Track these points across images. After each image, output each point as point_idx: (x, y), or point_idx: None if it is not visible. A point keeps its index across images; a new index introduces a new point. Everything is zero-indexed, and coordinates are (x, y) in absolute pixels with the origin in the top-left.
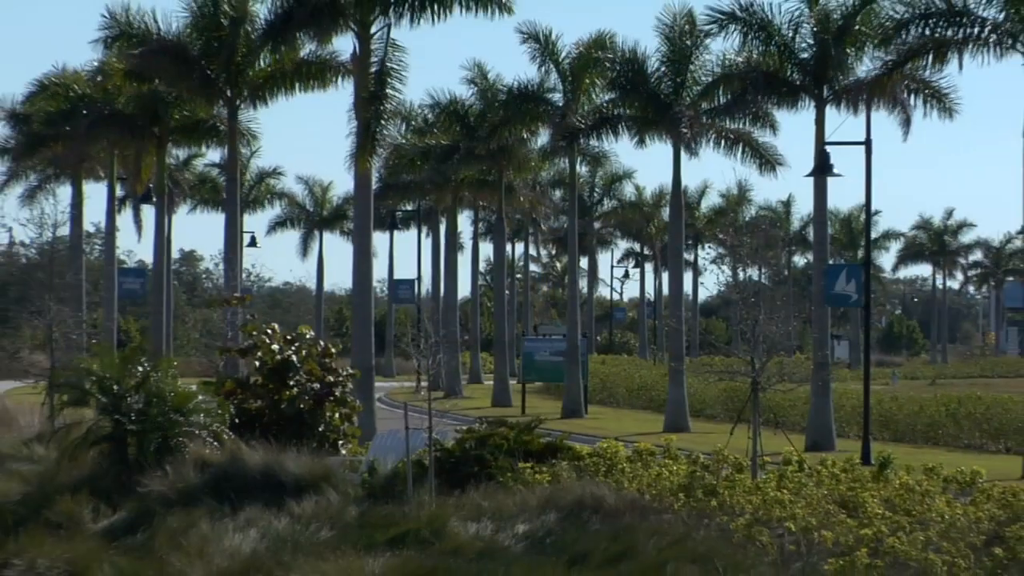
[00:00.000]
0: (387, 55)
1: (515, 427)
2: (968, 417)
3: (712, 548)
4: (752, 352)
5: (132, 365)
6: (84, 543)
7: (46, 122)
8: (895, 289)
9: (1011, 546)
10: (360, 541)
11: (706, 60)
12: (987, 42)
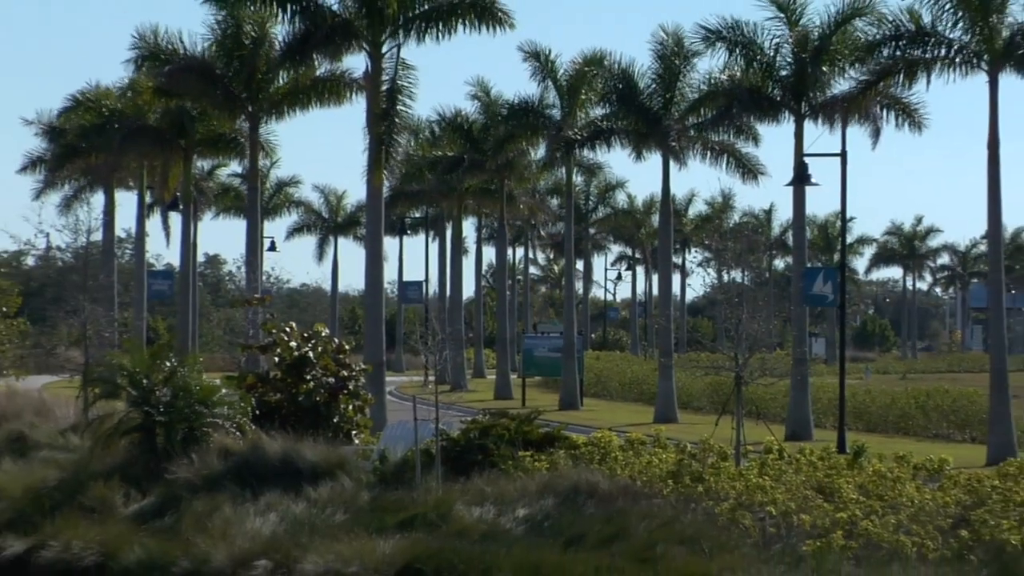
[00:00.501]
0: (397, 74)
1: (516, 418)
2: (936, 409)
3: (699, 530)
4: (736, 349)
5: (160, 361)
6: (115, 526)
7: (80, 135)
8: (868, 290)
9: (976, 529)
10: (372, 524)
11: (693, 78)
12: (954, 62)
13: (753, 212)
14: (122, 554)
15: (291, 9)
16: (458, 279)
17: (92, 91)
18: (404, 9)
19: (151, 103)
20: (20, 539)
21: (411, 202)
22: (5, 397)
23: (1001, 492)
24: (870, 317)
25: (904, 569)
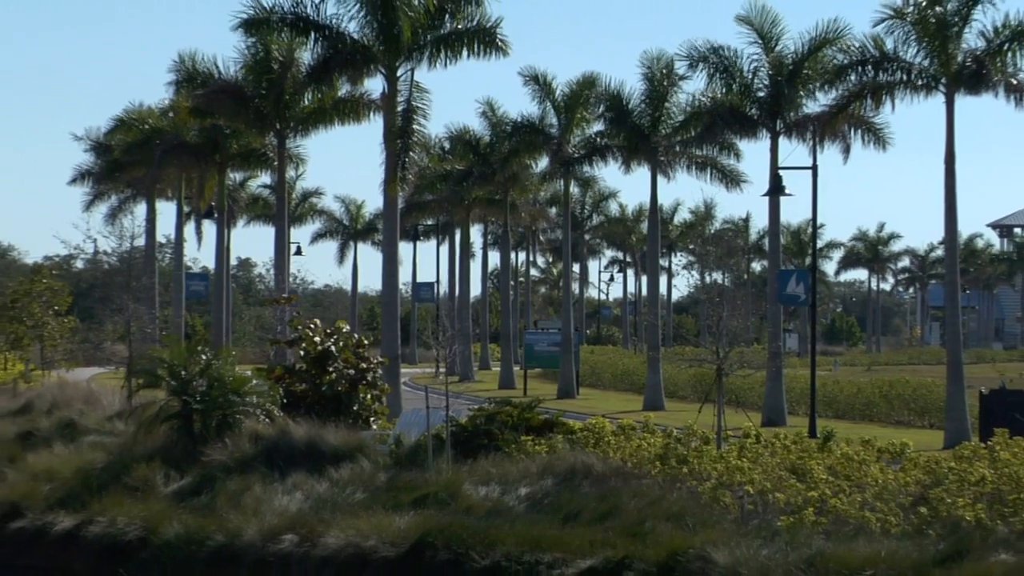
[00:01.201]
0: (411, 95)
1: (518, 406)
2: (898, 398)
3: (683, 508)
4: (717, 343)
5: (197, 354)
6: (156, 504)
7: (125, 151)
8: (837, 290)
9: (934, 506)
10: (388, 502)
11: (679, 99)
12: (915, 84)
13: (733, 220)
14: (162, 529)
15: (315, 36)
16: (466, 280)
17: (136, 111)
18: (416, 36)
19: (189, 122)
20: (70, 515)
21: (424, 211)
22: (57, 387)
23: (957, 473)
24: (838, 315)
25: (869, 543)
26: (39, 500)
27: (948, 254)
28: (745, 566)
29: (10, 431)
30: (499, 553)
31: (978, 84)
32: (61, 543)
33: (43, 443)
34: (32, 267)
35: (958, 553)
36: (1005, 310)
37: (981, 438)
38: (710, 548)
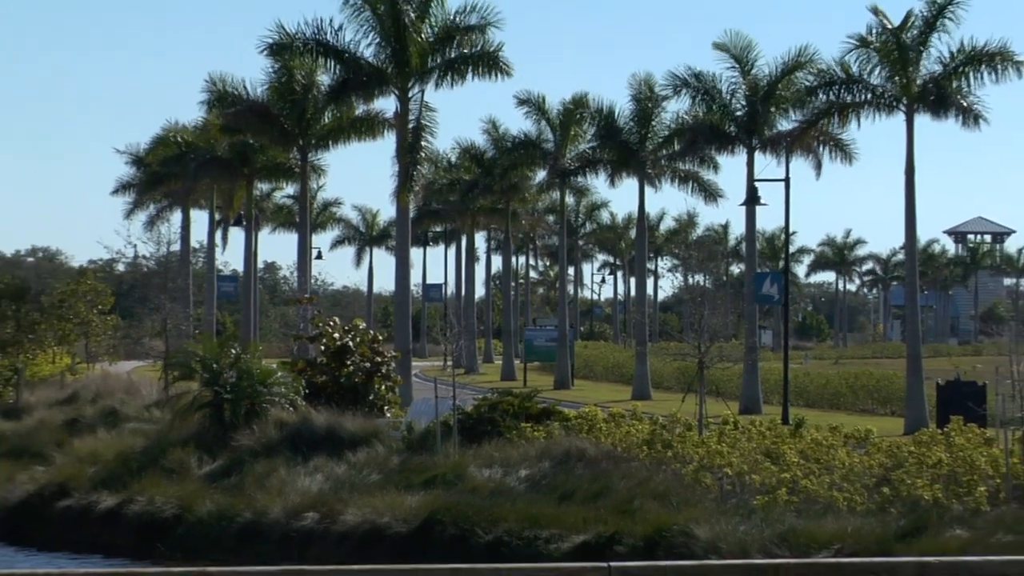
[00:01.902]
0: (421, 114)
1: (518, 396)
2: (863, 388)
3: (668, 488)
4: (699, 339)
5: (227, 349)
6: (190, 484)
7: (162, 164)
8: (807, 291)
9: (895, 487)
10: (401, 483)
11: (664, 117)
12: (878, 104)
13: (713, 227)
14: (196, 507)
15: (333, 60)
16: (471, 282)
17: (172, 128)
18: (426, 61)
19: (220, 138)
20: (112, 495)
21: (433, 218)
22: (100, 379)
23: (916, 456)
24: (809, 313)
25: (837, 520)
26: (84, 481)
27: (908, 258)
28: (724, 541)
29: (58, 418)
30: (501, 529)
31: (937, 106)
32: (104, 520)
33: (88, 429)
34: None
35: (917, 529)
36: (959, 309)
37: (938, 425)
38: (692, 525)
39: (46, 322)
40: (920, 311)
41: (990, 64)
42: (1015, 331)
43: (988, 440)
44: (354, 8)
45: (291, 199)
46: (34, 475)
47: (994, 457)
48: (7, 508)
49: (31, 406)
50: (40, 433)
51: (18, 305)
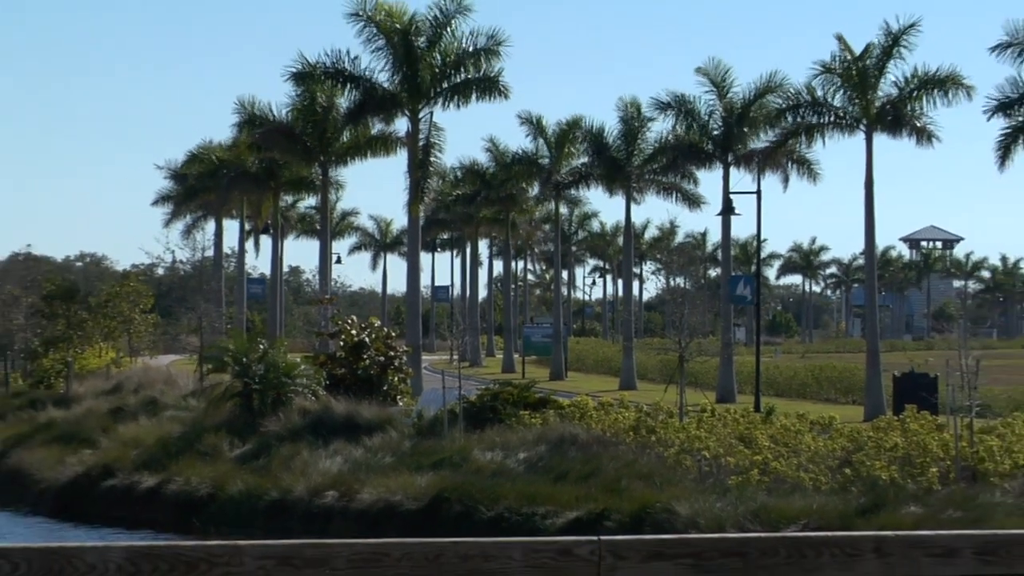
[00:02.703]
0: (430, 133)
1: (517, 387)
2: (827, 379)
3: (652, 469)
4: (679, 335)
5: (256, 344)
6: (223, 466)
7: (197, 179)
8: (777, 292)
9: (856, 468)
10: (412, 465)
11: (649, 136)
12: (840, 125)
13: (693, 234)
14: (227, 487)
15: (351, 85)
16: (475, 284)
17: (206, 146)
18: (434, 84)
19: (249, 155)
20: (153, 475)
21: (441, 227)
22: (141, 371)
23: (874, 441)
24: (778, 312)
25: (803, 498)
26: (127, 463)
27: (867, 262)
28: (702, 516)
29: (103, 407)
30: (502, 506)
31: (894, 126)
32: (145, 498)
33: (130, 417)
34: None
35: (876, 506)
36: (913, 308)
37: (894, 412)
38: (674, 502)
39: (93, 320)
40: (878, 310)
41: (942, 88)
42: (963, 328)
43: (939, 426)
44: (370, 37)
45: (313, 210)
46: (82, 458)
47: (945, 442)
48: (58, 487)
49: (80, 396)
50: (88, 420)
51: (68, 305)
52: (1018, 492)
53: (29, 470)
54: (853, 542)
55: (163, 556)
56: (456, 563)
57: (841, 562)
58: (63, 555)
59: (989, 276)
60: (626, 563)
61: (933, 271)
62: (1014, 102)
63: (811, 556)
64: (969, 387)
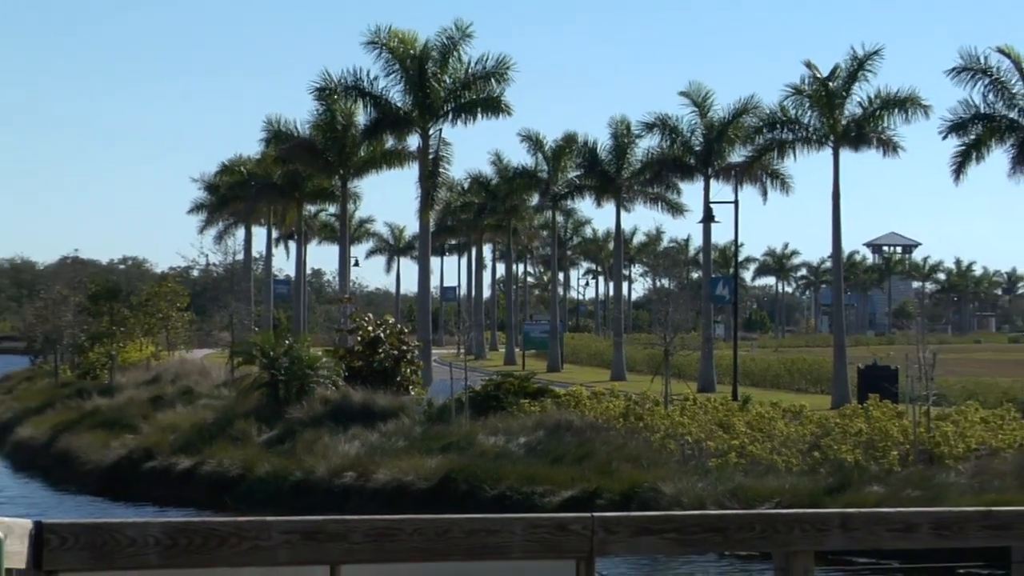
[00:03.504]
0: (439, 148)
1: (518, 378)
2: (798, 371)
3: (640, 452)
4: (665, 331)
5: (281, 339)
6: (251, 449)
7: (228, 189)
8: (752, 292)
9: (824, 451)
10: (422, 448)
11: (636, 151)
12: (810, 141)
13: (676, 240)
14: (256, 468)
15: (369, 103)
16: (480, 285)
17: (236, 160)
18: (443, 104)
19: (275, 168)
20: (188, 458)
21: (449, 233)
22: (178, 364)
23: (841, 427)
24: (754, 311)
25: (777, 478)
26: (165, 447)
27: (834, 265)
28: (685, 495)
29: (144, 396)
30: (504, 486)
31: (858, 142)
32: (182, 478)
33: (168, 405)
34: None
35: (842, 486)
36: (876, 307)
37: (859, 401)
38: (660, 482)
39: (134, 317)
40: (844, 309)
41: (902, 107)
42: (921, 325)
43: (899, 414)
44: (386, 62)
45: (333, 217)
46: (125, 442)
47: (904, 427)
48: (103, 469)
49: (122, 386)
50: (130, 408)
51: (112, 304)
52: (970, 473)
53: (77, 453)
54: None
55: (197, 531)
56: (463, 537)
57: (811, 536)
58: (107, 530)
59: (944, 278)
60: (616, 537)
61: (894, 273)
62: (966, 122)
63: (783, 531)
64: (926, 378)
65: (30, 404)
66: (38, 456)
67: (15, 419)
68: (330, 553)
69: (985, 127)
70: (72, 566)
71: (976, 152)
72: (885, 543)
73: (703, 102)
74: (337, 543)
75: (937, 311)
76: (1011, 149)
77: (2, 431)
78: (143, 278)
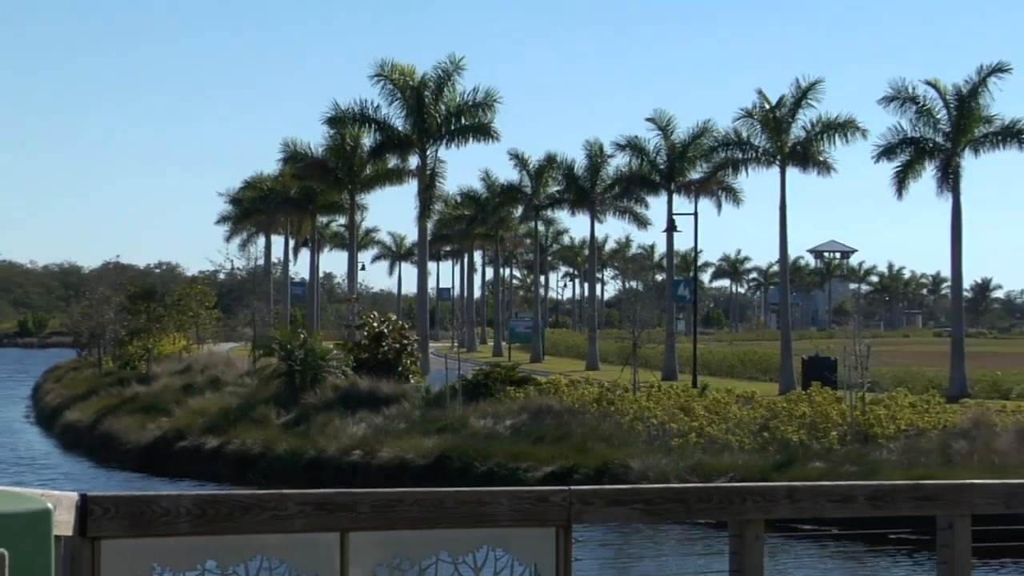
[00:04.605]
0: (435, 167)
1: (505, 368)
2: (749, 362)
3: (611, 433)
4: (633, 327)
5: (297, 334)
6: (271, 431)
7: (251, 203)
8: (710, 293)
9: (772, 431)
10: (421, 429)
11: (609, 170)
12: (760, 160)
13: (643, 247)
14: (275, 447)
15: (374, 128)
16: (471, 287)
17: (257, 177)
18: (438, 128)
19: (291, 184)
20: (215, 438)
21: (444, 241)
22: (207, 355)
23: (787, 410)
24: (711, 309)
25: (731, 455)
26: (195, 428)
27: (781, 269)
28: (651, 470)
29: (176, 384)
30: (493, 462)
31: (802, 161)
32: (210, 456)
33: (198, 391)
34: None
35: (788, 462)
36: (818, 305)
37: (803, 387)
38: (629, 459)
39: (168, 315)
40: (790, 307)
41: (841, 131)
42: (857, 321)
43: (838, 399)
44: (389, 91)
45: (342, 227)
46: (160, 424)
47: (842, 411)
48: (141, 447)
49: (158, 375)
50: (164, 394)
51: (148, 303)
52: (900, 451)
53: (117, 434)
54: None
55: (224, 502)
56: (456, 508)
57: (761, 507)
58: (144, 501)
59: (878, 280)
60: (591, 508)
61: (833, 276)
62: (895, 146)
63: (737, 502)
64: (862, 368)
65: (77, 391)
66: (84, 437)
67: (63, 404)
68: (340, 521)
69: (913, 150)
70: (113, 533)
71: (913, 171)
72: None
73: (666, 127)
74: (346, 512)
75: (871, 309)
76: (936, 171)
77: (52, 415)
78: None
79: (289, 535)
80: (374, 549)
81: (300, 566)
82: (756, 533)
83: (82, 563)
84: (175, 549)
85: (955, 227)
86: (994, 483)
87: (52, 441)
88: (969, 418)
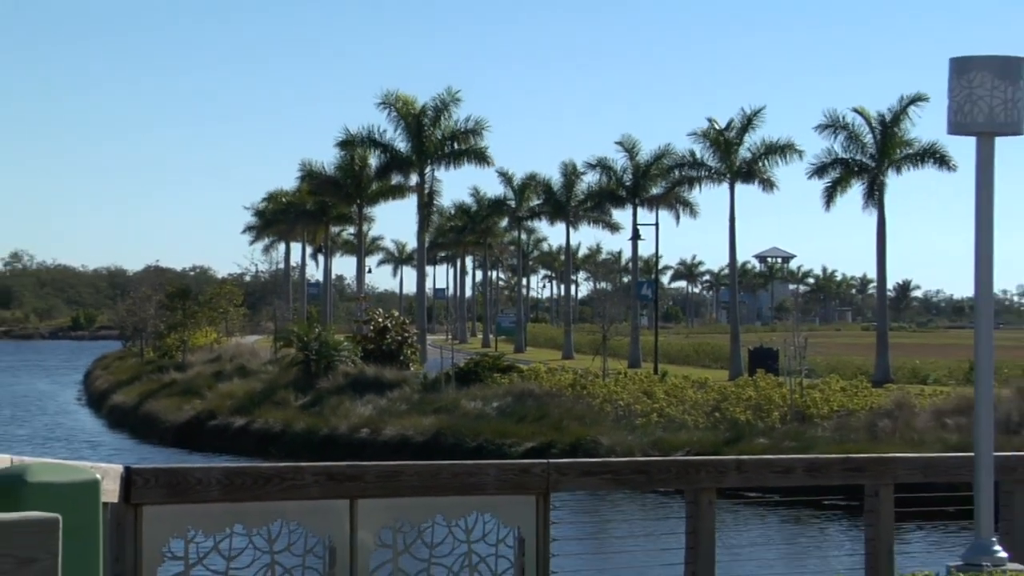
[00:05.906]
0: (433, 184)
1: (492, 357)
2: (703, 352)
3: (584, 413)
4: (603, 321)
5: (313, 328)
6: (290, 412)
7: (272, 215)
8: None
9: (723, 412)
10: (420, 410)
11: (582, 186)
12: (712, 177)
13: (612, 252)
14: (294, 426)
15: (379, 151)
16: (463, 287)
17: (277, 192)
18: (436, 151)
19: (308, 198)
20: (242, 418)
21: (440, 248)
22: (234, 347)
23: (735, 394)
24: (671, 306)
25: (687, 433)
26: (224, 410)
27: (731, 272)
28: (619, 446)
29: (208, 371)
30: (482, 439)
31: (748, 178)
32: (237, 434)
33: (227, 378)
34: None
35: (737, 438)
36: (762, 303)
37: (749, 374)
38: (599, 436)
39: (201, 312)
40: (738, 305)
41: (782, 152)
42: (796, 317)
43: (780, 384)
44: (394, 118)
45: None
46: (194, 405)
47: (783, 394)
48: (177, 426)
49: (192, 363)
50: (198, 380)
51: (184, 301)
52: (833, 428)
53: (157, 414)
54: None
55: (248, 473)
56: (450, 478)
57: (713, 477)
58: (179, 473)
59: (814, 282)
60: (566, 478)
61: (775, 278)
62: (827, 166)
63: (693, 473)
64: (800, 357)
65: (122, 377)
66: (128, 416)
67: (110, 389)
68: (349, 490)
69: (842, 169)
70: (153, 500)
71: (840, 187)
72: (770, 482)
73: (632, 149)
74: (354, 482)
75: (808, 307)
76: (863, 187)
77: (100, 398)
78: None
79: (305, 502)
80: (379, 514)
81: (315, 529)
82: (709, 500)
83: (126, 527)
84: (207, 514)
85: (880, 235)
86: (914, 456)
87: (100, 420)
88: (892, 400)
